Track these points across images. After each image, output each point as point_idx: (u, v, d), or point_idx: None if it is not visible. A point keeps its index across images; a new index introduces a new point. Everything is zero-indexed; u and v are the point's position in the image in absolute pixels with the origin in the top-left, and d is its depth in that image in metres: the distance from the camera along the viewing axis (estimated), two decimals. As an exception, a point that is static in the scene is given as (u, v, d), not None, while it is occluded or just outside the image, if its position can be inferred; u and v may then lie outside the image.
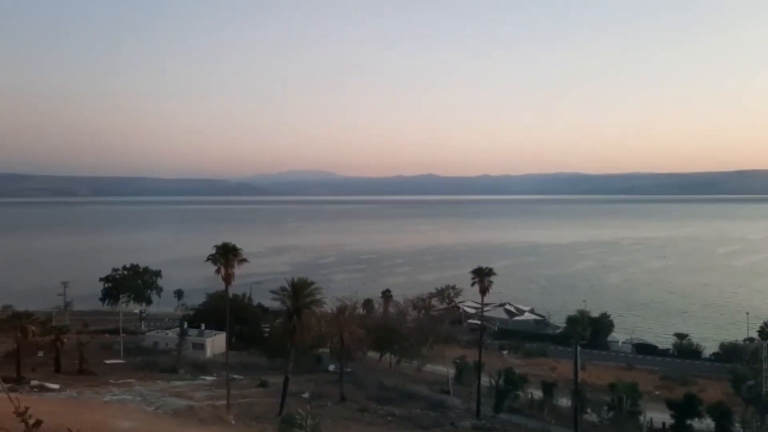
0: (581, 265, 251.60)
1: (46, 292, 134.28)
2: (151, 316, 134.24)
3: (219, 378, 76.47)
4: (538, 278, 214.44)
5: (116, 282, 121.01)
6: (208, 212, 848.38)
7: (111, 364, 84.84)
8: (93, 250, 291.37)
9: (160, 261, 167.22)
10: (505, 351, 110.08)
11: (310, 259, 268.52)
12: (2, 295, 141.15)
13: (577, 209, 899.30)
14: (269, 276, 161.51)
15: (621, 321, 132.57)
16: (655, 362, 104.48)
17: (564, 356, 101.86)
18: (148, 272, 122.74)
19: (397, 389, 78.83)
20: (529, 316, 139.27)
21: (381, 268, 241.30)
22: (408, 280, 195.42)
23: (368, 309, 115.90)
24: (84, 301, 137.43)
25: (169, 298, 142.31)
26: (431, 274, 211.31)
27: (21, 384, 65.04)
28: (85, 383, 69.22)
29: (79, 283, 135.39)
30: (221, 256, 61.56)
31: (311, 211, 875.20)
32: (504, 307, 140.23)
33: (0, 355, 75.02)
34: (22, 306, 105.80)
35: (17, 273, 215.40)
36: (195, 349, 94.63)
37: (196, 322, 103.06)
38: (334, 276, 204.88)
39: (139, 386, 69.23)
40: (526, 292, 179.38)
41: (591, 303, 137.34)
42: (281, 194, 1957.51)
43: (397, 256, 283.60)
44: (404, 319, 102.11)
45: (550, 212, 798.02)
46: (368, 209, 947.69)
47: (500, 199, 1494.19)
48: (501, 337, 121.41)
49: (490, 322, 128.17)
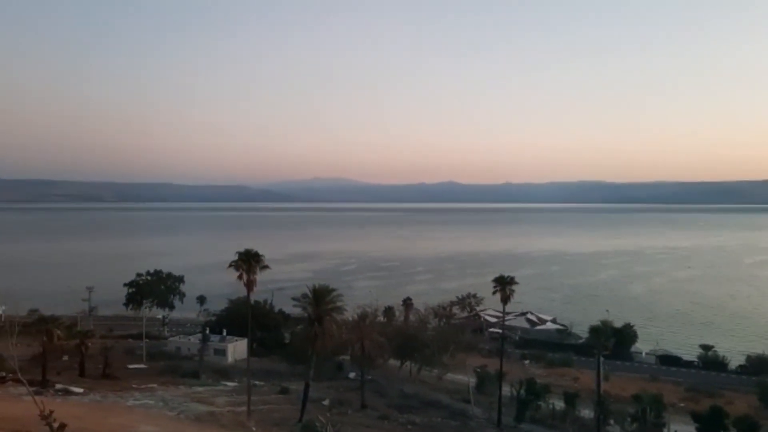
0: (604, 275, 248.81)
1: (71, 297, 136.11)
2: (174, 322, 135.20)
3: (240, 384, 76.94)
4: (560, 287, 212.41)
5: (140, 287, 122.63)
6: (231, 218, 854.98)
7: (134, 369, 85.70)
8: (118, 256, 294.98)
9: (183, 266, 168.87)
10: (526, 361, 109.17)
11: (331, 266, 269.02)
12: (29, 299, 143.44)
13: (600, 218, 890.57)
14: (291, 282, 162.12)
15: (645, 332, 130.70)
16: (679, 374, 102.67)
17: (587, 367, 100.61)
18: (171, 278, 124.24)
19: (417, 397, 78.53)
20: (552, 325, 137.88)
21: (402, 275, 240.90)
22: (429, 288, 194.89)
23: (389, 316, 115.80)
24: (108, 306, 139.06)
25: (192, 304, 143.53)
26: (452, 282, 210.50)
27: (46, 387, 65.96)
28: (108, 387, 70.03)
29: (104, 288, 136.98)
30: (243, 263, 62.06)
31: (333, 218, 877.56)
32: (526, 317, 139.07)
33: (26, 359, 76.06)
34: (49, 310, 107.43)
35: (44, 277, 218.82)
36: (217, 355, 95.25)
37: (218, 327, 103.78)
38: (356, 283, 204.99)
39: (161, 391, 69.90)
40: (548, 302, 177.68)
41: (614, 313, 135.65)
42: (304, 201, 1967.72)
43: (418, 264, 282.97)
44: (425, 327, 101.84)
45: (573, 221, 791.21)
46: (389, 216, 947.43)
47: (523, 207, 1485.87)
48: (523, 347, 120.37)
49: (512, 331, 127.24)
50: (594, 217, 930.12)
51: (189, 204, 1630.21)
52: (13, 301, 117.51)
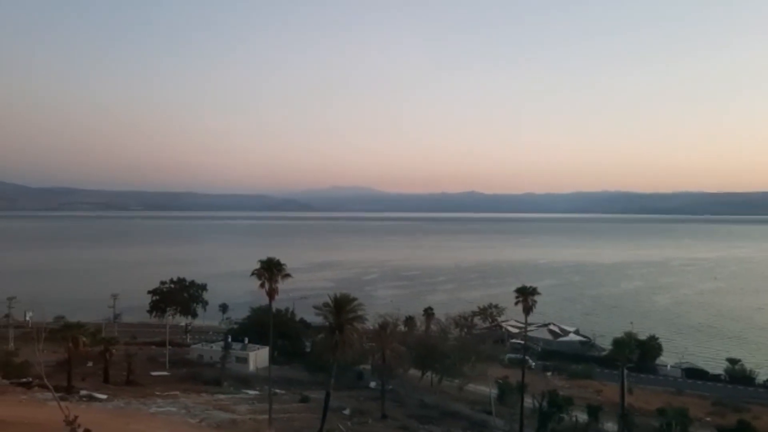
0: (628, 286, 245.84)
1: (96, 304, 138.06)
2: (197, 329, 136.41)
3: (261, 392, 77.17)
4: (583, 298, 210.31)
5: (163, 295, 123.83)
6: (253, 227, 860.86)
7: (157, 376, 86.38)
8: (142, 263, 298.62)
9: (206, 274, 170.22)
10: (549, 372, 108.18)
11: (352, 275, 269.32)
12: (56, 305, 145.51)
13: (624, 228, 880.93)
14: (312, 291, 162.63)
15: (670, 344, 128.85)
16: (705, 387, 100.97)
17: (610, 379, 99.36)
18: (194, 286, 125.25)
19: (438, 408, 78.07)
20: (574, 337, 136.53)
21: (423, 285, 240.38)
22: (450, 298, 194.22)
23: (410, 326, 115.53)
24: (132, 313, 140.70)
25: (214, 312, 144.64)
26: (474, 292, 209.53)
27: (71, 393, 66.69)
28: (132, 394, 70.62)
29: (128, 295, 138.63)
30: (266, 271, 62.44)
31: (354, 227, 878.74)
32: (548, 328, 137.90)
33: (52, 364, 77.09)
34: (74, 317, 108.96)
35: (70, 284, 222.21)
36: (238, 363, 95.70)
37: (239, 335, 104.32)
38: (377, 292, 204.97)
39: (183, 398, 70.33)
40: (570, 313, 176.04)
41: (638, 325, 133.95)
42: (325, 210, 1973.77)
43: (440, 274, 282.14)
44: (446, 337, 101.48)
45: (596, 231, 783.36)
46: (410, 226, 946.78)
47: (545, 218, 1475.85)
48: (545, 358, 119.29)
49: (534, 342, 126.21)
50: (617, 227, 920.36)
51: (212, 213, 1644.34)
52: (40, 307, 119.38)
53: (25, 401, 59.25)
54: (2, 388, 66.41)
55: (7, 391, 64.90)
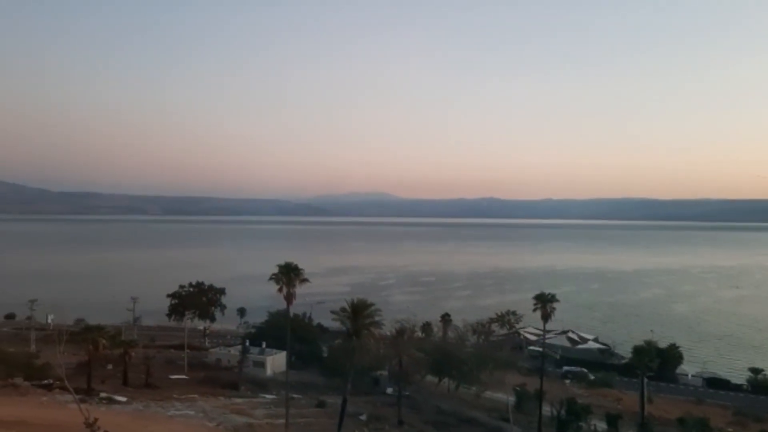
0: (648, 294, 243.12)
1: (116, 307, 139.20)
2: (215, 333, 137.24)
3: (278, 396, 77.35)
4: (602, 306, 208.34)
5: (182, 299, 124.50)
6: (270, 232, 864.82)
7: (175, 379, 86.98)
8: (161, 267, 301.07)
9: (225, 278, 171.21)
10: (567, 380, 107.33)
11: (369, 281, 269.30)
12: (76, 308, 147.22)
13: (643, 235, 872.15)
14: (329, 296, 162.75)
15: (690, 353, 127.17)
16: (727, 397, 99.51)
17: (630, 388, 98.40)
18: (213, 290, 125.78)
19: (455, 415, 77.74)
20: (593, 344, 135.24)
21: (440, 291, 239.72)
22: (467, 304, 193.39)
23: (427, 332, 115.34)
24: (151, 316, 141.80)
25: (232, 316, 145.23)
26: (491, 298, 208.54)
27: (91, 395, 67.31)
28: (150, 397, 71.16)
29: (148, 298, 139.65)
30: (283, 276, 62.70)
31: (371, 233, 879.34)
32: (567, 335, 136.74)
33: (72, 367, 77.89)
34: (94, 319, 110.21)
35: (91, 287, 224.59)
36: (256, 367, 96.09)
37: (257, 340, 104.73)
38: (393, 298, 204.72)
39: (201, 402, 70.73)
40: (589, 320, 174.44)
41: (658, 333, 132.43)
42: (342, 215, 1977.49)
43: (457, 280, 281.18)
44: (463, 344, 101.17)
45: (615, 238, 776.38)
46: (428, 231, 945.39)
47: (563, 224, 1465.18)
48: (563, 365, 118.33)
49: (552, 349, 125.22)
50: (637, 234, 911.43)
51: (230, 217, 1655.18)
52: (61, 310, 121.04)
53: (46, 403, 59.97)
54: (24, 390, 67.22)
55: (28, 393, 65.70)
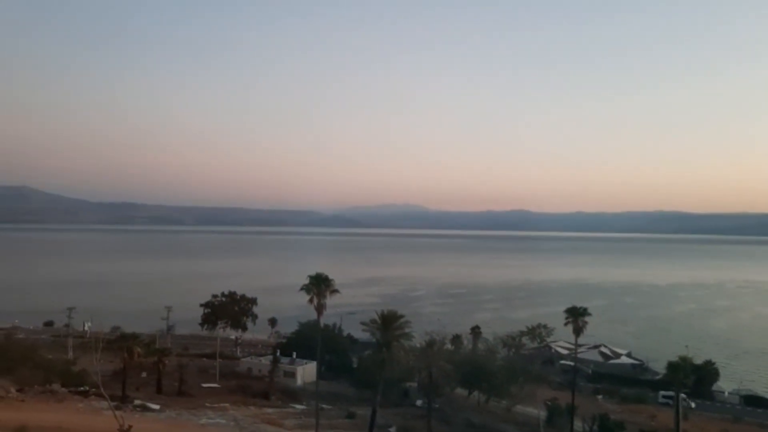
0: (682, 308, 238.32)
1: (151, 315, 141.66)
2: (246, 343, 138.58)
3: (309, 407, 77.82)
4: (635, 320, 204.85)
5: (215, 308, 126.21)
6: (302, 242, 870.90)
7: (207, 388, 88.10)
8: (195, 276, 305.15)
9: (256, 288, 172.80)
10: (600, 395, 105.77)
11: (399, 292, 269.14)
12: (113, 316, 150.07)
13: (677, 249, 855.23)
14: (359, 307, 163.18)
15: (727, 369, 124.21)
16: (765, 416, 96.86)
17: (664, 404, 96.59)
18: (245, 299, 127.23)
19: (485, 428, 77.28)
20: (626, 359, 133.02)
21: (470, 303, 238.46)
22: (497, 317, 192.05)
23: (457, 344, 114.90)
24: (185, 325, 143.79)
25: (264, 325, 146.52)
26: (522, 311, 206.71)
27: (125, 402, 68.52)
28: (183, 405, 72.14)
29: (181, 307, 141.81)
30: (314, 286, 63.38)
31: (401, 244, 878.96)
32: (599, 349, 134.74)
33: (108, 374, 79.39)
34: (130, 328, 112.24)
35: (127, 296, 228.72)
36: (286, 377, 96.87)
37: (288, 350, 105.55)
38: (423, 309, 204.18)
39: (233, 410, 71.49)
40: (622, 334, 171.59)
41: (693, 349, 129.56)
42: (373, 227, 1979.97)
43: (487, 292, 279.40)
44: (493, 357, 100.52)
45: (648, 251, 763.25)
46: (458, 243, 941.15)
47: (595, 237, 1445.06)
48: (595, 381, 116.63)
49: (584, 364, 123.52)
50: (671, 248, 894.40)
51: (262, 228, 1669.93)
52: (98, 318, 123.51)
53: (82, 409, 61.20)
54: (61, 396, 68.68)
55: (65, 399, 67.13)
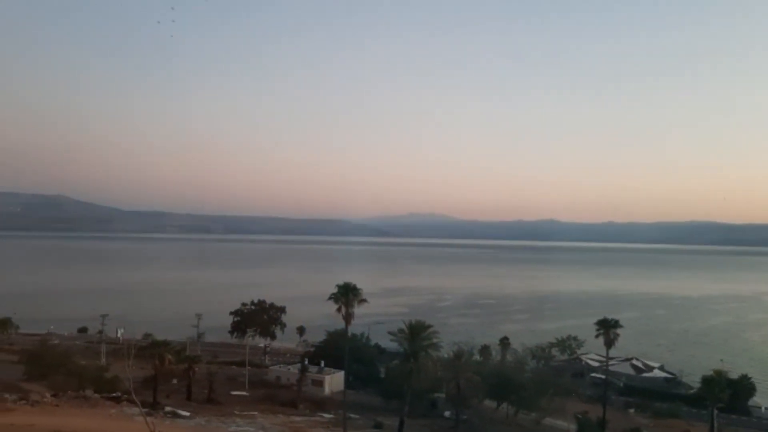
0: (716, 321, 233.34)
1: (181, 323, 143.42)
2: (275, 351, 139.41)
3: (336, 416, 77.88)
4: (667, 333, 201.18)
5: (244, 316, 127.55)
6: (329, 251, 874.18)
7: (236, 396, 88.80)
8: (224, 285, 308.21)
9: (284, 297, 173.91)
10: (631, 409, 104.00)
11: (426, 302, 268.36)
12: (144, 323, 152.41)
13: (712, 260, 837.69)
14: (386, 317, 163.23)
15: (764, 385, 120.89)
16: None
17: (698, 419, 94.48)
18: (274, 308, 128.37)
19: (514, 441, 76.54)
20: (659, 373, 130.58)
21: (498, 314, 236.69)
22: (526, 328, 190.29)
23: (485, 355, 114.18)
24: (214, 333, 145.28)
25: (292, 334, 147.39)
26: (551, 322, 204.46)
27: (156, 409, 69.39)
28: (212, 412, 72.80)
29: (211, 315, 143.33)
30: (342, 296, 63.75)
31: (428, 254, 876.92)
32: (631, 362, 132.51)
33: (139, 381, 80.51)
34: (161, 335, 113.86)
35: (158, 303, 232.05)
36: (314, 386, 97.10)
37: (315, 358, 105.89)
38: (451, 320, 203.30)
39: (261, 419, 71.91)
40: (654, 347, 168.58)
41: (728, 362, 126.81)
42: (399, 236, 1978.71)
43: (515, 303, 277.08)
44: (522, 368, 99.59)
45: (681, 263, 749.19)
46: (486, 253, 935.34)
47: (626, 247, 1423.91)
48: (627, 394, 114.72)
49: (616, 377, 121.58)
50: (705, 259, 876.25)
51: (290, 237, 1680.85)
52: (131, 325, 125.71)
53: (114, 415, 62.13)
54: (94, 402, 69.85)
55: (98, 405, 68.24)
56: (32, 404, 60.46)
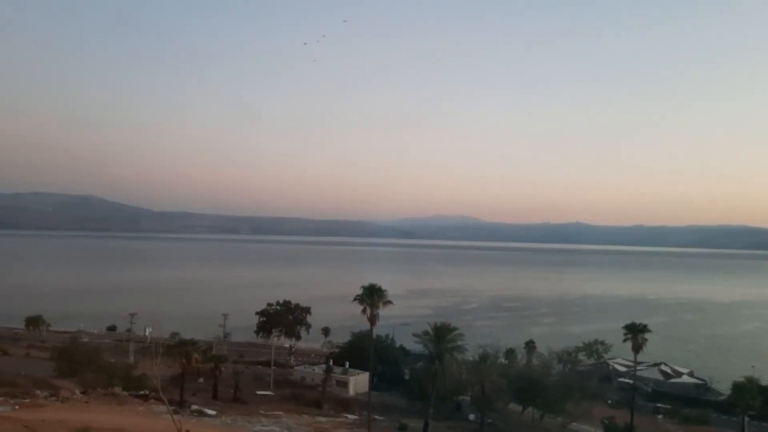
0: (748, 327, 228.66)
1: (208, 322, 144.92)
2: (300, 351, 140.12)
3: (360, 417, 77.99)
4: (697, 338, 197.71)
5: (269, 316, 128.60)
6: (355, 253, 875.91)
7: (262, 395, 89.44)
8: (250, 285, 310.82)
9: (310, 298, 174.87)
10: (660, 415, 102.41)
11: (452, 304, 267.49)
12: (172, 322, 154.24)
13: (744, 265, 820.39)
14: (411, 318, 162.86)
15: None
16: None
17: (728, 426, 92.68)
18: (299, 309, 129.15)
19: (539, 445, 75.85)
20: (688, 379, 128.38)
21: (524, 317, 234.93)
22: (553, 331, 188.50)
23: (510, 359, 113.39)
24: (240, 333, 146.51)
25: (317, 335, 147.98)
26: (578, 326, 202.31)
27: (183, 407, 70.19)
28: (238, 411, 73.38)
29: (237, 315, 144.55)
30: (367, 297, 63.82)
31: (455, 256, 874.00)
32: (659, 367, 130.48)
33: (167, 379, 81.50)
34: (188, 334, 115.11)
35: (185, 303, 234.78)
36: (338, 387, 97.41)
37: (340, 359, 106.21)
38: (476, 322, 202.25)
39: (286, 418, 72.29)
40: (683, 353, 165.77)
41: (760, 369, 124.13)
42: (426, 238, 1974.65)
43: (542, 306, 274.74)
44: (548, 372, 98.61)
45: (712, 267, 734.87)
46: (512, 256, 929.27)
47: (656, 251, 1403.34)
48: (655, 400, 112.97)
49: (643, 382, 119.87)
50: (736, 264, 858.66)
51: (315, 238, 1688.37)
52: (158, 323, 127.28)
53: (142, 412, 63.04)
54: (122, 399, 70.95)
55: (126, 402, 69.31)
56: (62, 401, 61.64)
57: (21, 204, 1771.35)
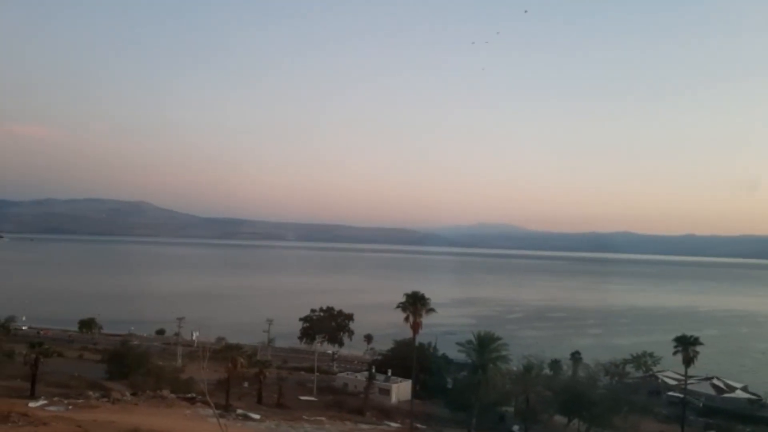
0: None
1: (253, 328, 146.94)
2: (342, 358, 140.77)
3: (402, 425, 77.85)
4: (751, 352, 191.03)
5: (313, 323, 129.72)
6: (398, 260, 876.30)
7: (305, 401, 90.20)
8: (295, 291, 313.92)
9: (353, 304, 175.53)
10: (711, 431, 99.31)
11: (495, 313, 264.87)
12: (218, 327, 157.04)
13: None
14: (454, 327, 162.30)
15: None
16: None
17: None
18: (342, 315, 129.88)
19: (584, 459, 74.41)
20: (742, 394, 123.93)
21: (570, 327, 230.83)
22: (599, 343, 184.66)
23: (555, 370, 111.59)
24: (284, 338, 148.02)
25: (359, 342, 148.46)
26: (625, 338, 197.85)
27: (228, 411, 71.35)
28: (282, 416, 74.16)
29: (282, 321, 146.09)
30: (410, 305, 63.98)
31: (499, 265, 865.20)
32: (711, 382, 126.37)
33: (213, 383, 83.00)
34: (233, 339, 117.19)
35: (231, 308, 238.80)
36: (381, 394, 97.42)
37: (383, 367, 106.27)
38: (521, 332, 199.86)
39: (328, 425, 72.73)
40: (736, 367, 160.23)
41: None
42: (469, 246, 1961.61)
43: (588, 316, 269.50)
44: (595, 384, 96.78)
45: (766, 279, 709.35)
46: (558, 265, 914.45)
47: (708, 261, 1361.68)
48: (707, 415, 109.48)
49: (695, 396, 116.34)
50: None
51: (359, 245, 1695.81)
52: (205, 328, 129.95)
53: (189, 415, 64.31)
54: (170, 402, 72.49)
55: (174, 405, 70.79)
56: (113, 402, 63.38)
57: (76, 210, 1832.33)
